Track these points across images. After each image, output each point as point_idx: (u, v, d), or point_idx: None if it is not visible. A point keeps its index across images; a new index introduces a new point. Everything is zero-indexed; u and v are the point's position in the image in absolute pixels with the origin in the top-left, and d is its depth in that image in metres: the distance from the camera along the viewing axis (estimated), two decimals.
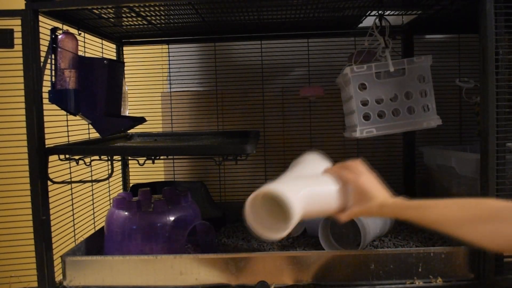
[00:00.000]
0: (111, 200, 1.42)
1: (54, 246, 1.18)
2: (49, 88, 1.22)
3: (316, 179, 0.97)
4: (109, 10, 1.26)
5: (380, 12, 1.40)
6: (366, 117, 1.30)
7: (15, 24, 1.12)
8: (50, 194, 1.17)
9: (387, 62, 1.28)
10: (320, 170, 0.98)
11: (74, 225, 1.39)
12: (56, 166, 1.23)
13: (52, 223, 1.18)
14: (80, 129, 1.44)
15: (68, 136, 1.36)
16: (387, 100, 1.29)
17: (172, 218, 1.25)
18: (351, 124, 1.41)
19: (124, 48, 1.78)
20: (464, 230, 0.73)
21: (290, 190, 0.87)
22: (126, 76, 1.68)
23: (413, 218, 0.81)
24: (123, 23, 1.47)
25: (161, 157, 1.35)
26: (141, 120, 1.46)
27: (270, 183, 0.92)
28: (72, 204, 1.40)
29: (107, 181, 1.60)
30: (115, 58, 1.74)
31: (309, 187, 0.91)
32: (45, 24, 1.18)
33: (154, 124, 1.79)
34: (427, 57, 1.29)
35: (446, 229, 0.76)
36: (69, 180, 1.33)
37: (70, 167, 1.35)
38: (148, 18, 1.41)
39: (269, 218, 0.92)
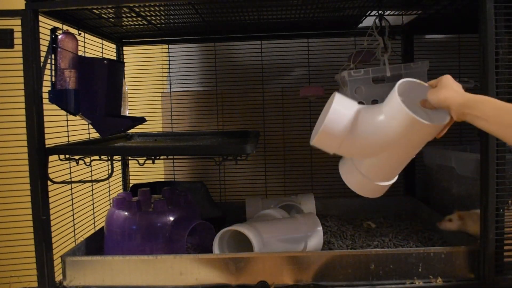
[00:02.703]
0: (111, 200, 1.42)
1: (54, 246, 1.18)
2: (49, 88, 1.22)
3: (288, 224, 1.26)
4: (109, 10, 1.26)
5: (380, 12, 1.40)
6: None
7: (15, 24, 1.12)
8: (50, 194, 1.17)
9: (384, 67, 1.28)
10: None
11: (74, 225, 1.39)
12: (56, 166, 1.23)
13: (52, 223, 1.18)
14: (80, 129, 1.44)
15: (68, 136, 1.36)
16: None
17: (172, 218, 1.25)
18: None
19: (124, 48, 1.78)
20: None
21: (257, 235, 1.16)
22: (126, 76, 1.68)
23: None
24: (123, 23, 1.47)
25: (161, 157, 1.35)
26: (141, 120, 1.46)
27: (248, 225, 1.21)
28: (72, 204, 1.40)
29: (107, 181, 1.60)
30: (115, 58, 1.74)
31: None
32: (45, 24, 1.18)
33: (154, 124, 1.79)
34: (423, 63, 1.29)
35: (492, 126, 0.82)
36: (69, 180, 1.33)
37: (70, 167, 1.35)
38: (148, 18, 1.41)
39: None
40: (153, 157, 1.25)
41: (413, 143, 0.90)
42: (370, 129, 0.91)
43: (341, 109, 0.91)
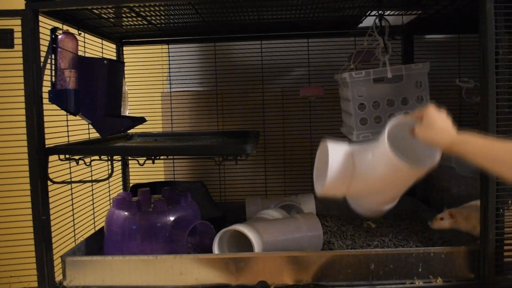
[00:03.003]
0: (111, 200, 1.42)
1: (54, 246, 1.18)
2: (49, 88, 1.22)
3: (288, 224, 1.26)
4: (109, 10, 1.26)
5: (380, 12, 1.40)
6: (363, 121, 1.30)
7: (15, 24, 1.12)
8: (50, 194, 1.17)
9: (385, 68, 1.28)
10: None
11: (74, 225, 1.39)
12: (56, 166, 1.22)
13: (52, 223, 1.18)
14: (80, 129, 1.44)
15: (68, 136, 1.36)
16: (384, 105, 1.30)
17: (172, 218, 1.25)
18: (348, 124, 1.41)
19: (124, 48, 1.77)
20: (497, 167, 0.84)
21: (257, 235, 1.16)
22: (126, 76, 1.68)
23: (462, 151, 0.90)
24: (123, 23, 1.47)
25: (161, 157, 1.35)
26: (141, 120, 1.46)
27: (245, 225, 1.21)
28: (72, 204, 1.40)
29: (107, 181, 1.60)
30: (115, 58, 1.74)
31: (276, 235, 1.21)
32: (45, 24, 1.18)
33: (154, 124, 1.79)
34: (424, 64, 1.29)
35: (480, 162, 0.87)
36: (69, 180, 1.33)
37: (70, 167, 1.35)
38: (148, 18, 1.41)
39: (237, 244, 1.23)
40: (153, 157, 1.25)
41: (410, 179, 0.97)
42: (368, 170, 0.96)
43: (338, 159, 0.96)
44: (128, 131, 1.62)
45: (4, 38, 1.12)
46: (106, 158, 1.39)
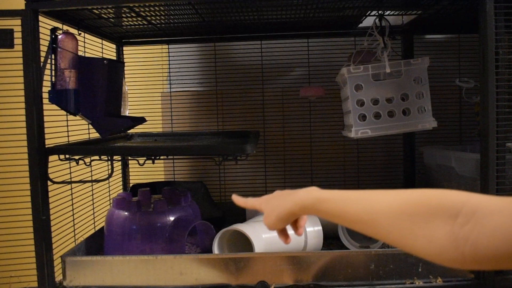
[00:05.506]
0: (111, 200, 1.42)
1: (54, 246, 1.18)
2: (49, 88, 1.22)
3: None
4: (109, 10, 1.26)
5: (380, 12, 1.40)
6: (362, 117, 1.30)
7: (15, 24, 1.11)
8: (50, 194, 1.17)
9: (384, 63, 1.28)
10: None
11: (74, 225, 1.39)
12: (56, 166, 1.23)
13: (52, 223, 1.17)
14: (80, 129, 1.44)
15: (68, 136, 1.36)
16: (383, 101, 1.29)
17: (172, 218, 1.25)
18: (348, 124, 1.41)
19: (124, 48, 1.77)
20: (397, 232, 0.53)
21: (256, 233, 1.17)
22: (126, 76, 1.68)
23: (332, 213, 0.64)
24: (123, 23, 1.47)
25: (161, 157, 1.35)
26: (141, 120, 1.46)
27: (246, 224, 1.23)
28: (72, 204, 1.40)
29: (107, 181, 1.60)
30: (115, 58, 1.74)
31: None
32: (45, 24, 1.18)
33: (154, 124, 1.79)
34: (424, 59, 1.29)
35: (370, 230, 0.57)
36: (69, 180, 1.33)
37: (70, 167, 1.35)
38: (148, 18, 1.41)
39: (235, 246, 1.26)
40: (153, 157, 1.25)
41: None
42: None
43: None
44: (128, 131, 1.62)
45: (4, 38, 1.12)
46: (106, 158, 1.38)
